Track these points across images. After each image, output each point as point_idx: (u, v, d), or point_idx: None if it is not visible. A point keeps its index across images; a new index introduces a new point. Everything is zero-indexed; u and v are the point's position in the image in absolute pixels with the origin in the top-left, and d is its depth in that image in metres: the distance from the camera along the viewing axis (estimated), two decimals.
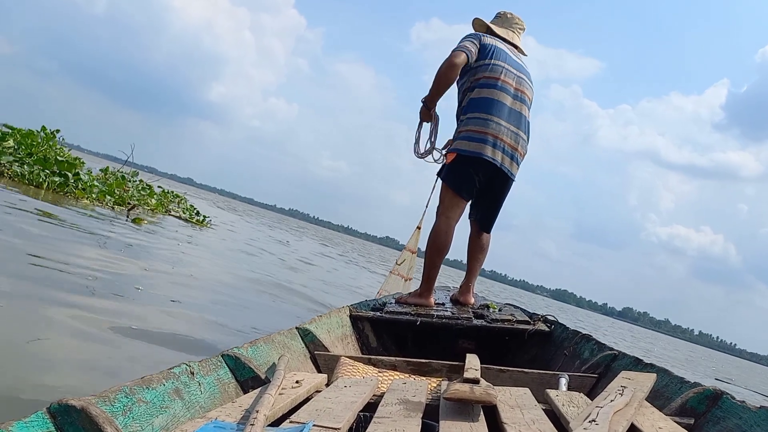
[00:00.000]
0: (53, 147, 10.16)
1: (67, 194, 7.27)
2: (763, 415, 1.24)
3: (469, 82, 3.05)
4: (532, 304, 24.52)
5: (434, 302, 3.09)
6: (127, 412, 1.03)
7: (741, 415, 1.30)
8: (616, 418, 1.17)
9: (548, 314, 2.97)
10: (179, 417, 1.16)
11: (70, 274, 3.07)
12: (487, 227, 3.28)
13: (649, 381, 1.55)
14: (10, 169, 7.14)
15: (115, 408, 1.01)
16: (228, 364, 1.47)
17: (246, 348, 1.58)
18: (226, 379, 1.42)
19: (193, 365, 1.31)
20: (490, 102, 2.97)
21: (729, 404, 1.37)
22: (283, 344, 1.84)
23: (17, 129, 9.73)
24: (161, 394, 1.15)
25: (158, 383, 1.16)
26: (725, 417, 1.35)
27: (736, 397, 1.38)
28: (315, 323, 2.18)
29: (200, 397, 1.27)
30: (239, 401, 1.23)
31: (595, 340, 2.33)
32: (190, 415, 1.20)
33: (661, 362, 3.46)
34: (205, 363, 1.37)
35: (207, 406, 1.27)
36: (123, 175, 10.39)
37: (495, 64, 3.03)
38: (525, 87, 3.10)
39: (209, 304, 3.64)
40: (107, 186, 8.28)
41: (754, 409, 1.28)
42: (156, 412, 1.10)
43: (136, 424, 1.04)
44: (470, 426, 1.15)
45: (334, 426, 1.07)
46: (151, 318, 2.78)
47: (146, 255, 4.71)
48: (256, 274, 5.58)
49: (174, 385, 1.20)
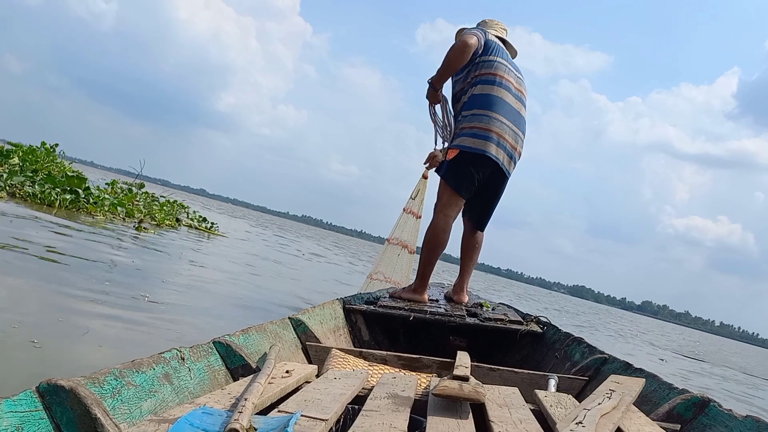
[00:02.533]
0: (54, 161, 10.38)
1: (80, 210, 7.30)
2: (749, 424, 1.25)
3: (471, 76, 3.01)
4: (550, 301, 24.37)
5: (428, 298, 3.09)
6: (116, 394, 1.03)
7: (727, 424, 1.30)
8: (603, 421, 1.17)
9: (540, 315, 2.98)
10: (168, 401, 1.16)
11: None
12: (482, 225, 3.27)
13: (637, 386, 1.56)
14: (22, 189, 7.17)
15: (104, 390, 1.01)
16: (219, 351, 1.47)
17: (237, 336, 1.58)
18: (216, 366, 1.42)
19: (183, 350, 1.31)
20: (494, 99, 2.95)
21: (716, 412, 1.37)
22: (275, 334, 1.84)
23: (20, 145, 10.09)
24: (151, 378, 1.15)
25: (148, 367, 1.16)
26: (711, 425, 1.35)
27: (723, 404, 1.39)
28: (308, 314, 2.18)
29: (190, 382, 1.27)
30: (228, 388, 1.23)
31: (586, 343, 2.34)
32: (179, 400, 1.20)
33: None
34: (196, 349, 1.37)
35: (196, 392, 1.27)
36: (131, 188, 10.51)
37: (498, 62, 3.01)
38: (523, 87, 3.10)
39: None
40: (118, 199, 8.34)
41: (740, 418, 1.28)
42: (145, 396, 1.10)
43: (125, 406, 1.04)
44: (458, 423, 1.15)
45: (322, 417, 1.07)
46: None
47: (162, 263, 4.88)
48: (265, 289, 5.41)
49: (164, 369, 1.20)
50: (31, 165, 9.41)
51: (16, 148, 9.98)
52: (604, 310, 39.42)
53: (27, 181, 7.42)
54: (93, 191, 7.96)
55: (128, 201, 8.58)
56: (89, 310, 2.69)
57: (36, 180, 7.53)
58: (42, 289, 2.84)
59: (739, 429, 1.26)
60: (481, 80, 2.99)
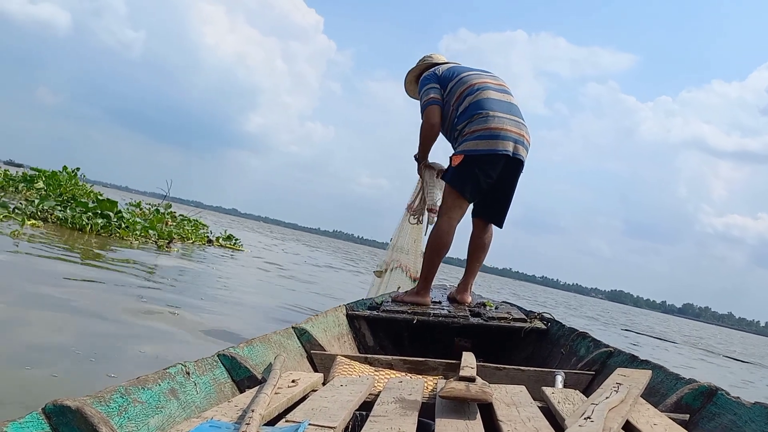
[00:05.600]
0: (76, 185, 10.51)
1: (112, 235, 7.25)
2: (757, 411, 1.25)
3: (452, 105, 3.11)
4: (586, 308, 23.99)
5: (431, 301, 3.09)
6: (122, 412, 1.03)
7: (736, 411, 1.30)
8: (612, 414, 1.17)
9: (545, 312, 2.98)
10: (175, 417, 1.16)
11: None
12: (500, 221, 3.24)
13: (644, 378, 1.55)
14: (53, 214, 7.15)
15: (111, 408, 1.01)
16: (224, 363, 1.46)
17: (242, 347, 1.58)
18: (222, 379, 1.42)
19: (188, 365, 1.30)
20: (481, 102, 3.00)
21: (724, 400, 1.37)
22: (279, 344, 1.84)
23: (43, 170, 10.33)
24: (157, 395, 1.14)
25: (154, 383, 1.16)
26: (720, 413, 1.35)
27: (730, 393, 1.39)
28: (311, 322, 2.18)
29: (196, 397, 1.27)
30: (235, 401, 1.23)
31: (591, 338, 2.34)
32: (186, 415, 1.19)
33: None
34: (201, 363, 1.37)
35: (203, 405, 1.27)
36: (157, 209, 10.53)
37: (464, 77, 3.12)
38: (499, 80, 3.17)
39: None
40: (149, 221, 8.32)
41: (748, 405, 1.28)
42: (152, 413, 1.10)
43: (132, 424, 1.04)
44: (466, 424, 1.15)
45: (330, 425, 1.07)
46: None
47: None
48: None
49: (170, 385, 1.20)
50: (54, 189, 9.58)
51: (39, 173, 10.14)
52: (647, 317, 39.02)
53: (58, 206, 7.43)
54: (124, 215, 7.94)
55: (157, 222, 8.54)
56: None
57: (67, 204, 7.53)
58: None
59: (748, 416, 1.26)
60: (462, 98, 3.06)
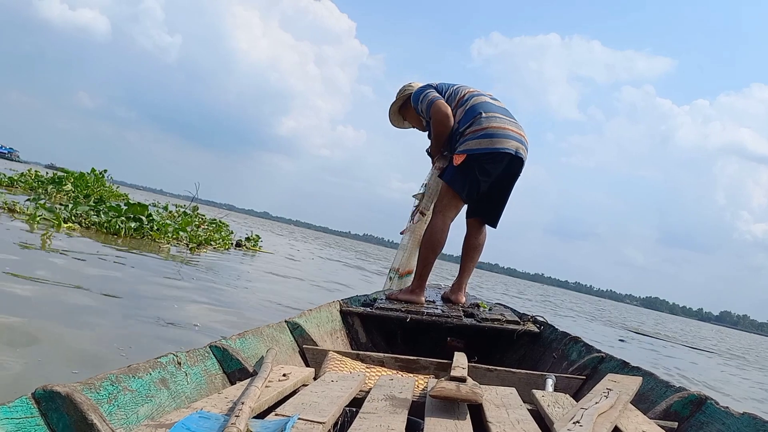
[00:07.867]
0: (103, 186, 10.51)
1: (145, 237, 7.31)
2: (746, 422, 1.25)
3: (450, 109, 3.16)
4: (621, 315, 23.51)
5: (425, 300, 3.09)
6: (112, 400, 1.03)
7: (724, 421, 1.31)
8: (600, 420, 1.17)
9: (537, 315, 2.98)
10: (165, 406, 1.16)
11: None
12: (494, 221, 3.30)
13: (634, 384, 1.56)
14: (88, 219, 7.20)
15: (101, 395, 1.01)
16: (215, 355, 1.46)
17: (234, 340, 1.58)
18: (213, 371, 1.42)
19: (180, 355, 1.30)
20: (479, 105, 3.06)
21: (713, 410, 1.38)
22: (271, 337, 1.84)
23: (71, 172, 10.46)
24: (147, 383, 1.14)
25: (144, 372, 1.15)
26: (708, 422, 1.36)
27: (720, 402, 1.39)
28: (304, 317, 2.18)
29: (186, 387, 1.27)
30: (225, 393, 1.23)
31: (583, 342, 2.34)
32: (176, 405, 1.19)
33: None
34: (193, 353, 1.37)
35: (193, 396, 1.27)
36: (185, 212, 10.53)
37: (457, 89, 3.21)
38: (490, 92, 3.25)
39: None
40: (180, 224, 8.39)
41: (737, 415, 1.29)
42: (141, 401, 1.10)
43: (121, 412, 1.04)
44: (455, 424, 1.15)
45: (320, 420, 1.07)
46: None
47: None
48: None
49: (160, 374, 1.20)
50: (82, 190, 9.69)
51: (68, 174, 10.19)
52: (679, 322, 38.65)
53: (91, 211, 7.48)
54: (155, 218, 8.02)
55: (187, 224, 8.62)
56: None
57: (100, 209, 7.59)
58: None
59: (736, 426, 1.27)
60: (461, 103, 3.12)
